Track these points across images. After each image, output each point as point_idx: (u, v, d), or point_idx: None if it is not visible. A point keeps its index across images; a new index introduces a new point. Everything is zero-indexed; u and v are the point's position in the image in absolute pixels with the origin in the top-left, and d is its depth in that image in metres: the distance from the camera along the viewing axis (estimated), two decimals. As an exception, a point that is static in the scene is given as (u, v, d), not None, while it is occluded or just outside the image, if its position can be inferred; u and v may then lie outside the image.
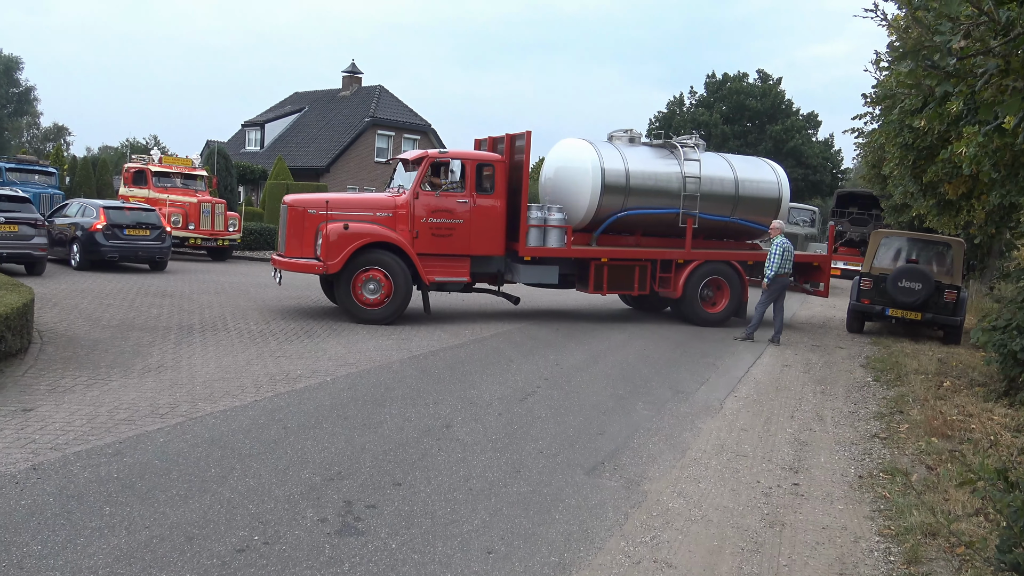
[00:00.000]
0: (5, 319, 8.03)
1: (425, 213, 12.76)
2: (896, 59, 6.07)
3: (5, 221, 14.98)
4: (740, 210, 14.91)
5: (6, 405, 6.77)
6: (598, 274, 13.81)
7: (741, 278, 14.75)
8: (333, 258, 12.10)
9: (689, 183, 14.30)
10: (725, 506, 5.56)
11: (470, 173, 13.05)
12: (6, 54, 75.10)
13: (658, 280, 14.30)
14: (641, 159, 14.38)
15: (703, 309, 14.55)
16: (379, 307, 12.37)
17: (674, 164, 14.50)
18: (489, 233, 13.16)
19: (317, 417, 7.01)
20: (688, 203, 14.31)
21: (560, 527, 4.99)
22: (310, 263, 12.44)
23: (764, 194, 15.15)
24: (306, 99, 47.13)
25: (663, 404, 8.44)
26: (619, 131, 15.05)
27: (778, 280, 13.19)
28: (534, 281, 13.87)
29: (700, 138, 15.39)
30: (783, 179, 15.45)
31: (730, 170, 14.96)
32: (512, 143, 13.78)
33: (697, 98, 60.17)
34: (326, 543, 4.51)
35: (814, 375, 10.78)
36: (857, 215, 30.76)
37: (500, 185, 13.26)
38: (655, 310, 16.11)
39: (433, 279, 12.85)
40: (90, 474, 5.31)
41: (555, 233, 13.56)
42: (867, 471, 6.56)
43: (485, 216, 13.10)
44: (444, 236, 12.86)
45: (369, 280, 12.32)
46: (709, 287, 14.67)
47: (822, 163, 57.50)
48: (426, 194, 12.80)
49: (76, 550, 4.23)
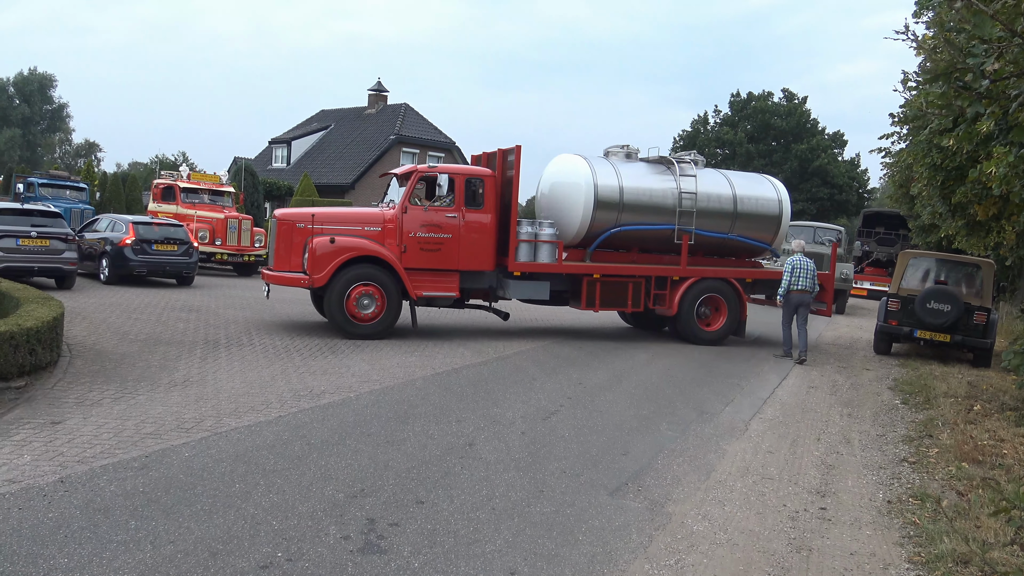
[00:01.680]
0: (36, 332, 8.15)
1: (414, 227, 12.67)
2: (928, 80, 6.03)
3: (37, 235, 15.23)
4: (739, 227, 14.68)
5: (35, 418, 6.86)
6: (590, 290, 13.63)
7: (739, 296, 14.43)
8: (319, 272, 12.05)
9: (685, 199, 14.12)
10: (751, 530, 5.49)
11: (459, 188, 12.94)
12: (40, 72, 76.71)
13: (653, 297, 14.09)
14: (636, 175, 14.22)
15: (699, 327, 14.29)
16: (371, 322, 12.32)
17: (670, 180, 14.30)
18: (478, 248, 13.03)
19: (341, 433, 7.03)
20: (684, 219, 14.12)
21: (584, 548, 4.95)
22: (297, 277, 12.40)
23: (764, 211, 14.90)
24: (332, 116, 47.61)
25: (687, 425, 8.37)
26: (615, 147, 14.86)
27: (791, 296, 13.36)
28: (524, 297, 13.70)
29: (699, 154, 15.23)
30: (784, 196, 15.21)
31: (728, 186, 14.74)
32: (504, 158, 13.66)
33: (722, 117, 60.06)
34: (349, 561, 4.51)
35: (841, 397, 10.65)
36: (884, 235, 30.48)
37: (490, 200, 13.11)
38: (654, 329, 15.87)
39: (421, 294, 12.73)
40: (116, 488, 5.35)
41: (546, 248, 13.40)
42: (896, 496, 6.45)
43: (474, 231, 12.98)
44: (433, 251, 12.76)
45: (363, 296, 12.25)
46: (706, 305, 14.40)
47: (848, 183, 57.07)
48: (415, 208, 12.74)
49: (102, 564, 4.26)
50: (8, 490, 5.17)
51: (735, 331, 14.58)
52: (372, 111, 44.98)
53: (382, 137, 41.56)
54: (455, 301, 13.34)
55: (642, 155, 14.91)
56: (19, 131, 72.39)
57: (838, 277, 23.68)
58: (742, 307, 14.51)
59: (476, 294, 13.72)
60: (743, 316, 14.55)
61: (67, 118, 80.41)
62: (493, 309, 14.06)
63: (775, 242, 15.27)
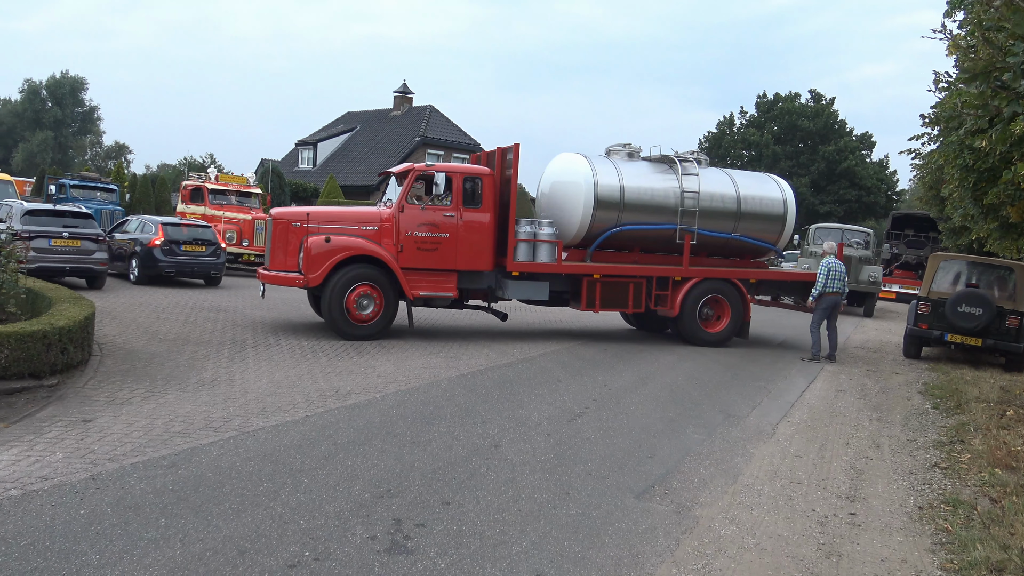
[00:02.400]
0: (68, 332, 8.26)
1: (411, 227, 12.51)
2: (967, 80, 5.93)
3: (69, 236, 15.45)
4: (743, 227, 14.48)
5: (67, 415, 6.95)
6: (590, 291, 13.43)
7: (743, 297, 14.18)
8: (314, 271, 11.93)
9: (687, 198, 13.93)
10: (779, 534, 5.44)
11: (457, 186, 12.74)
12: (72, 75, 77.90)
13: (654, 298, 13.87)
14: (637, 174, 14.03)
15: (702, 329, 14.06)
16: (369, 323, 12.21)
17: (672, 179, 14.12)
18: (476, 247, 12.84)
19: (367, 434, 7.05)
20: (686, 219, 13.93)
21: (610, 551, 4.93)
22: (291, 276, 12.24)
23: (768, 211, 14.69)
24: (358, 119, 47.89)
25: (714, 428, 8.31)
26: (617, 145, 14.64)
27: (825, 299, 13.46)
28: (524, 297, 13.49)
29: (703, 153, 14.99)
30: (789, 196, 14.99)
31: (732, 186, 14.53)
32: (502, 157, 13.45)
33: (748, 118, 59.64)
34: (376, 561, 4.52)
35: (870, 401, 10.52)
36: (913, 237, 30.12)
37: (488, 199, 12.92)
38: (657, 330, 15.64)
39: (418, 294, 12.57)
40: (146, 485, 5.40)
41: (545, 248, 13.20)
42: (927, 502, 6.36)
43: (472, 230, 12.79)
44: (430, 250, 12.58)
45: (363, 296, 12.12)
46: (708, 306, 14.16)
47: (876, 184, 56.44)
48: (412, 207, 12.59)
49: (133, 561, 4.30)
50: (41, 487, 5.24)
51: (738, 333, 14.34)
52: (397, 113, 45.19)
53: (407, 139, 41.73)
54: (453, 302, 13.16)
55: (644, 154, 14.69)
56: (51, 133, 73.57)
57: (866, 280, 23.52)
58: (746, 308, 14.27)
59: (475, 294, 13.54)
60: (747, 317, 14.32)
61: (98, 120, 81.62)
62: (492, 310, 13.86)
63: (780, 242, 15.05)
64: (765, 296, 15.73)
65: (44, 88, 76.81)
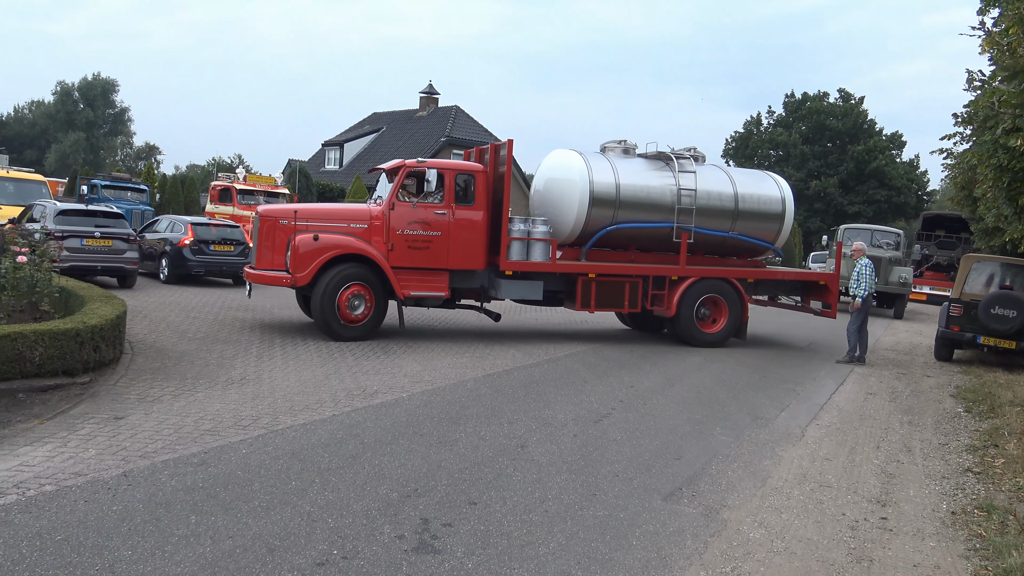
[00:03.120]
0: (100, 330, 8.38)
1: (401, 224, 12.20)
2: (1007, 77, 5.83)
3: (100, 236, 15.68)
4: (740, 225, 14.26)
5: (99, 412, 7.05)
6: (585, 290, 13.11)
7: (740, 297, 13.93)
8: (301, 270, 11.64)
9: (684, 196, 13.70)
10: (809, 538, 5.38)
11: (449, 183, 12.45)
12: (103, 77, 79.06)
13: (650, 298, 13.58)
14: (633, 171, 13.80)
15: (699, 329, 13.79)
16: (360, 324, 11.95)
17: (668, 177, 13.89)
18: (469, 246, 12.54)
19: (394, 433, 7.08)
20: (683, 217, 13.72)
21: (638, 553, 4.90)
22: (279, 275, 11.95)
23: (766, 209, 14.46)
24: (384, 119, 48.13)
25: (742, 430, 8.24)
26: (612, 142, 14.38)
27: (865, 300, 13.44)
28: (517, 297, 13.15)
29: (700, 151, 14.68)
30: (787, 194, 14.75)
31: (729, 184, 14.29)
32: (496, 153, 13.12)
33: (775, 118, 59.14)
34: (403, 560, 4.53)
35: (900, 404, 10.38)
36: (944, 238, 29.69)
37: (481, 196, 12.61)
38: (653, 331, 15.31)
39: (409, 293, 12.26)
40: (177, 483, 5.46)
41: (539, 247, 12.93)
42: (960, 507, 6.26)
43: (465, 228, 12.49)
44: (421, 249, 12.27)
45: (354, 296, 11.84)
46: (706, 306, 13.90)
47: (906, 184, 55.74)
48: (403, 205, 12.27)
49: (164, 557, 4.35)
50: (75, 483, 5.32)
51: (736, 333, 14.08)
52: (423, 113, 45.34)
53: (433, 139, 41.85)
54: (445, 301, 12.89)
55: (640, 151, 14.47)
56: (83, 135, 74.72)
57: (896, 281, 23.22)
58: (743, 308, 13.99)
59: (467, 294, 13.26)
60: (744, 317, 14.04)
61: (128, 122, 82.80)
62: (484, 310, 13.59)
63: (777, 241, 14.83)
64: (762, 296, 15.47)
65: (76, 90, 78.07)
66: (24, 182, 21.30)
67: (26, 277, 9.74)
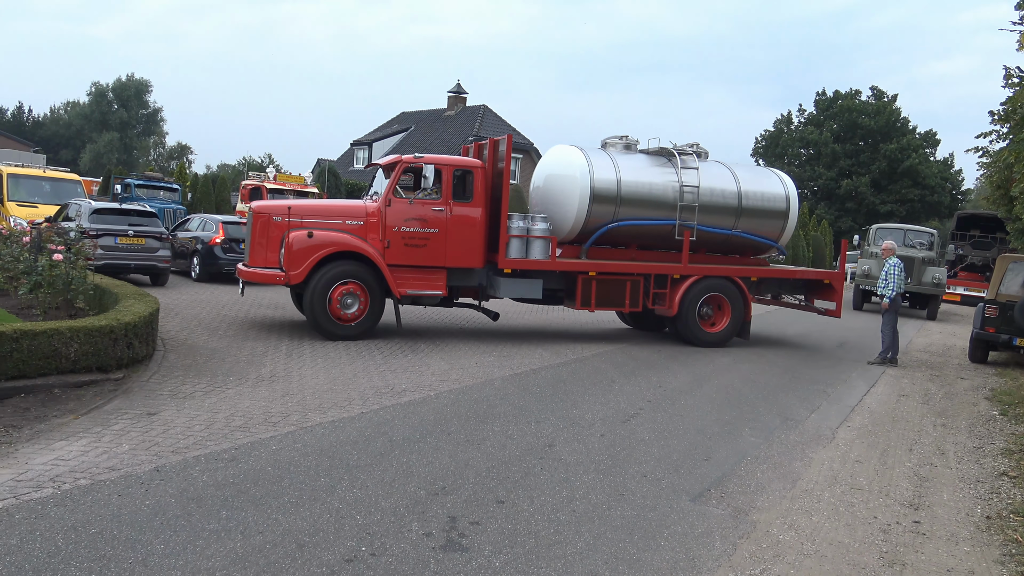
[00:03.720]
0: (133, 327, 8.50)
1: (398, 221, 11.89)
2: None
3: (134, 234, 15.91)
4: (743, 223, 14.00)
5: (133, 408, 7.15)
6: (585, 289, 12.83)
7: (743, 295, 13.64)
8: (296, 268, 11.37)
9: (687, 193, 13.42)
10: (840, 541, 5.32)
11: (446, 179, 12.15)
12: (137, 78, 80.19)
13: (652, 296, 13.30)
14: (635, 167, 13.52)
15: (701, 329, 13.52)
16: (354, 323, 11.68)
17: (671, 173, 13.59)
18: (467, 243, 12.22)
19: (421, 431, 7.10)
20: (685, 214, 13.44)
21: (666, 554, 4.88)
22: (272, 273, 11.69)
23: (770, 206, 14.18)
24: (412, 119, 48.34)
25: (771, 431, 8.17)
26: (613, 137, 14.13)
27: (894, 300, 13.31)
28: (516, 295, 12.88)
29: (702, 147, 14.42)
30: (792, 191, 14.46)
31: (733, 181, 14.02)
32: (495, 149, 12.80)
33: (806, 116, 58.53)
34: (431, 558, 4.55)
35: (933, 407, 10.22)
36: (979, 238, 29.20)
37: (479, 193, 12.29)
38: (654, 330, 15.02)
39: (405, 292, 11.98)
40: (208, 478, 5.53)
41: (538, 244, 12.64)
42: (995, 511, 6.15)
43: (462, 225, 12.17)
44: (418, 246, 11.97)
45: (347, 294, 11.58)
46: (708, 305, 13.62)
47: (940, 183, 54.88)
48: (399, 201, 11.97)
49: (195, 551, 4.40)
50: (108, 477, 5.41)
51: (739, 333, 13.84)
52: (451, 113, 45.47)
53: (460, 138, 41.92)
54: (442, 300, 12.64)
55: (642, 146, 14.25)
56: (117, 135, 75.84)
57: (929, 281, 22.88)
58: (747, 307, 13.73)
59: (465, 292, 12.98)
60: (747, 317, 13.79)
61: (161, 122, 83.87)
62: (482, 308, 13.31)
63: (781, 239, 14.54)
64: (767, 295, 15.21)
65: (110, 90, 79.22)
66: (60, 181, 21.64)
67: (62, 275, 9.92)
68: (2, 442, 6.02)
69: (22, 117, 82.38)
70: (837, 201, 54.98)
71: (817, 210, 51.63)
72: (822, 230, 43.05)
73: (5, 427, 6.39)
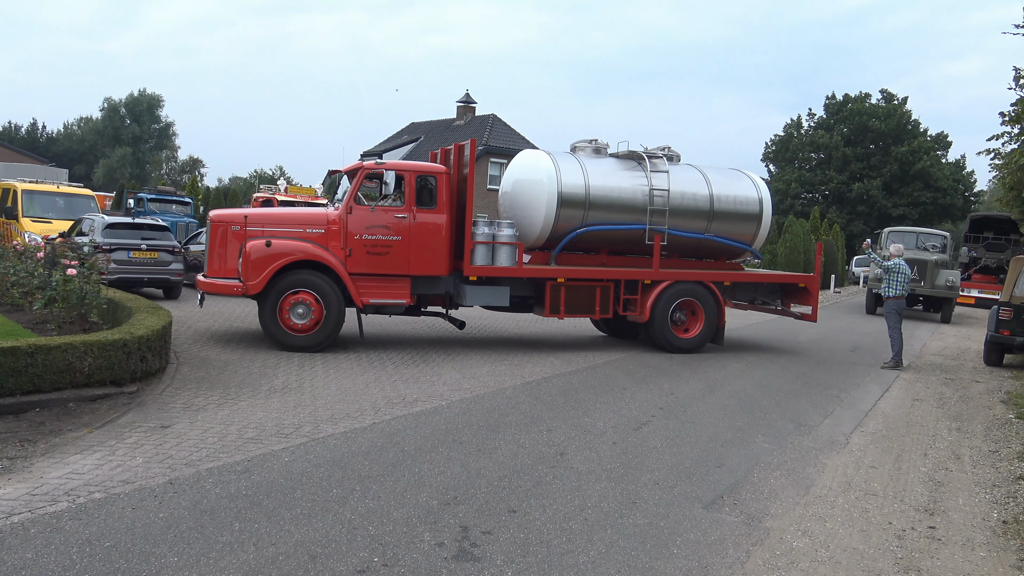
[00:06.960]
0: (146, 340, 8.56)
1: (359, 229, 11.64)
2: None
3: (147, 248, 16.03)
4: (716, 227, 13.81)
5: (146, 421, 7.20)
6: (554, 296, 12.60)
7: (717, 300, 13.46)
8: (254, 278, 11.15)
9: (657, 197, 13.26)
10: (854, 548, 5.28)
11: (409, 186, 11.88)
12: (149, 93, 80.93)
13: (623, 303, 13.11)
14: (604, 172, 13.37)
15: (674, 334, 13.32)
16: (308, 333, 11.39)
17: (641, 177, 13.46)
18: (431, 251, 11.95)
19: (433, 441, 7.11)
20: (656, 218, 13.29)
21: (679, 563, 4.86)
22: (230, 284, 11.47)
23: (742, 210, 14.00)
24: (421, 129, 48.50)
25: (784, 437, 8.13)
26: (583, 141, 13.99)
27: (889, 303, 13.37)
28: (483, 303, 12.78)
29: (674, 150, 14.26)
30: (764, 194, 14.31)
31: (704, 184, 13.85)
32: (459, 154, 12.68)
33: (816, 120, 58.39)
34: (443, 568, 4.55)
35: (948, 410, 10.15)
36: (993, 240, 29.03)
37: (444, 199, 12.03)
38: (628, 336, 14.79)
39: (368, 301, 11.75)
40: (221, 490, 5.55)
41: (505, 251, 12.41)
42: (1012, 516, 6.10)
43: (426, 232, 11.91)
44: (380, 254, 11.72)
45: (298, 304, 11.32)
46: (681, 310, 13.44)
47: (953, 186, 54.60)
48: (361, 208, 11.72)
49: (209, 563, 4.42)
50: (122, 490, 5.44)
51: (713, 338, 13.65)
52: (461, 123, 45.59)
53: (470, 148, 42.05)
54: (408, 309, 12.40)
55: (612, 150, 14.11)
56: (130, 149, 76.57)
57: (943, 284, 22.75)
58: (720, 312, 13.58)
59: (433, 300, 12.81)
60: (722, 322, 13.63)
61: (173, 136, 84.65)
62: (449, 317, 13.17)
63: (755, 243, 14.37)
64: (742, 300, 15.05)
65: (123, 106, 79.96)
66: (73, 196, 21.84)
67: (76, 289, 10.00)
68: (17, 456, 6.07)
69: (36, 133, 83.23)
70: (848, 205, 54.77)
71: (828, 214, 51.44)
72: (834, 234, 42.88)
73: (20, 441, 6.44)
